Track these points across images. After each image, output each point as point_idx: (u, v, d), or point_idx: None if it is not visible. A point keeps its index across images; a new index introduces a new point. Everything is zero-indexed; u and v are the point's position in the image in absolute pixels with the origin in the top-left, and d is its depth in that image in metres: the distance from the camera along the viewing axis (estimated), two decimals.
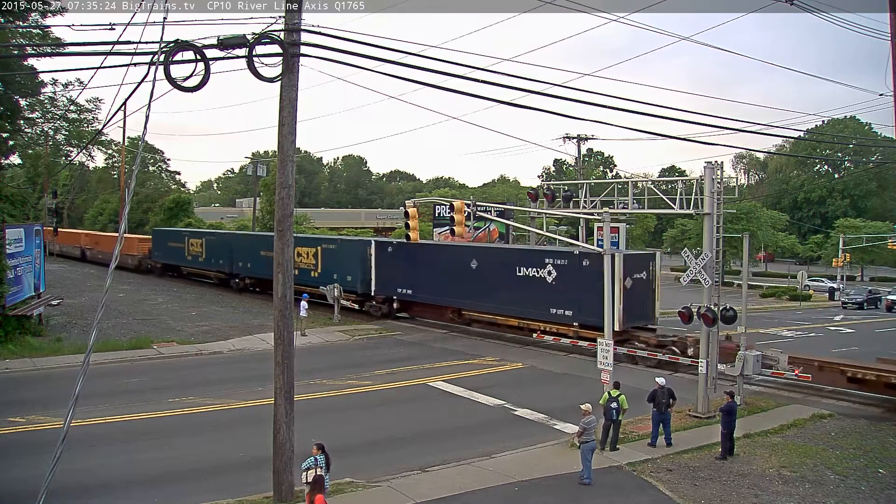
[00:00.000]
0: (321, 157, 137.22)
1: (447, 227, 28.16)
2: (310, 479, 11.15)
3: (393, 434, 17.19)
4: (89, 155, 65.86)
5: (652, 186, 24.08)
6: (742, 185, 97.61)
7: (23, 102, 34.48)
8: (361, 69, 12.19)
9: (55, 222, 61.65)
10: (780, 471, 14.32)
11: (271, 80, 11.91)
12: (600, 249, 19.67)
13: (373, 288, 34.78)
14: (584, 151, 55.50)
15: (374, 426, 17.84)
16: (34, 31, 30.01)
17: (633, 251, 32.70)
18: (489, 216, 37.50)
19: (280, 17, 11.81)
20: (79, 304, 37.93)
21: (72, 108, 40.69)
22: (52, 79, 36.41)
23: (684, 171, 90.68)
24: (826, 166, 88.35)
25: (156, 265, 54.29)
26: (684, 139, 26.02)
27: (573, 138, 47.28)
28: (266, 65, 11.58)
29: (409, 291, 33.42)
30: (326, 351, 28.01)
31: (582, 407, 14.38)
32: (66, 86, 37.67)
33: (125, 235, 51.72)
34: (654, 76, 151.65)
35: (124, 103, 25.89)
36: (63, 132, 45.69)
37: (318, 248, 37.54)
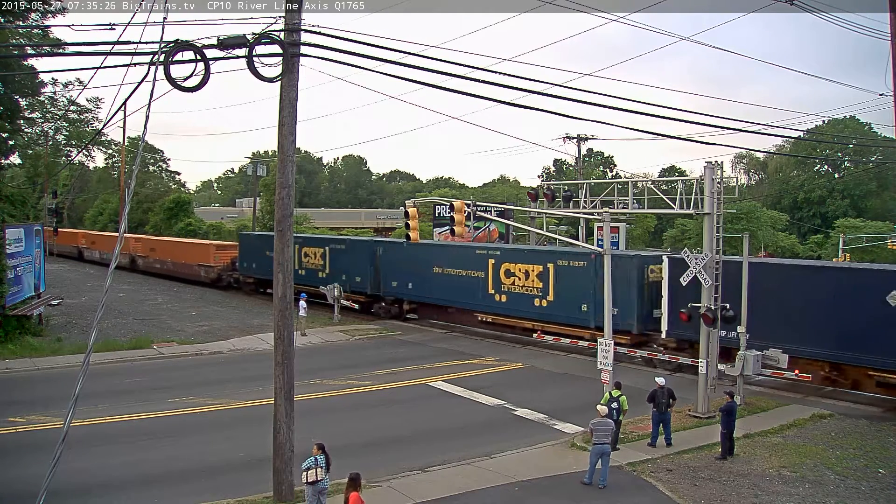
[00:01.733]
0: (321, 157, 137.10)
1: (447, 227, 28.14)
2: (310, 479, 11.17)
3: (393, 434, 17.19)
4: (89, 155, 65.75)
5: (652, 186, 24.06)
6: (742, 185, 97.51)
7: (23, 102, 34.48)
8: (361, 69, 12.21)
9: (55, 222, 61.59)
10: (780, 471, 14.32)
11: (271, 80, 11.92)
12: (600, 249, 19.67)
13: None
14: (584, 151, 55.50)
15: (374, 426, 17.84)
16: (34, 31, 29.99)
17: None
18: (489, 216, 37.50)
19: (280, 17, 11.83)
20: (79, 304, 37.93)
21: (72, 108, 40.69)
22: (52, 79, 36.54)
23: (684, 171, 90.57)
24: (826, 166, 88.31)
25: (246, 280, 43.70)
26: (684, 139, 26.10)
27: (573, 138, 47.25)
28: (266, 65, 11.60)
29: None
30: (326, 351, 28.01)
31: (597, 408, 14.40)
32: (66, 86, 37.78)
33: (201, 242, 47.91)
34: (654, 76, 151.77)
35: (124, 103, 25.87)
36: (63, 132, 45.67)
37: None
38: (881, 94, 21.90)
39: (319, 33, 11.74)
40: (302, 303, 30.05)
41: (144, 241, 57.66)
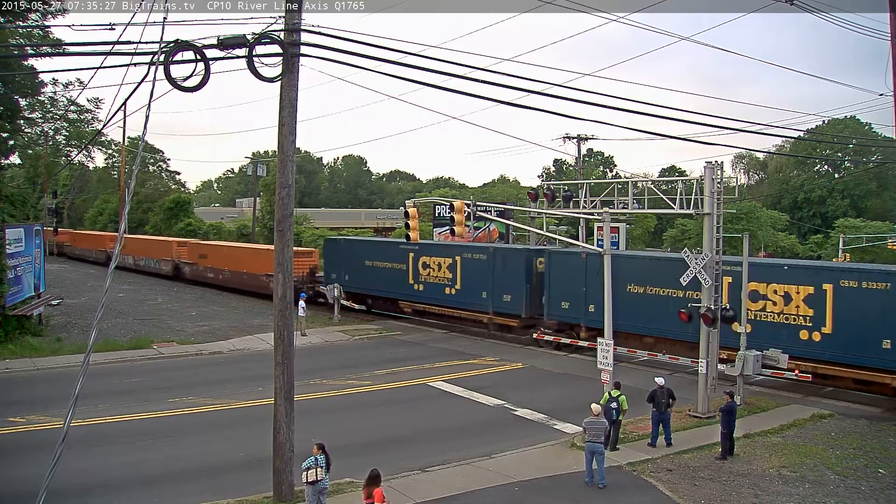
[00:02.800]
0: (321, 157, 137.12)
1: (447, 227, 28.17)
2: (310, 479, 11.18)
3: (393, 434, 17.19)
4: (89, 155, 65.60)
5: (652, 186, 24.07)
6: (742, 185, 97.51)
7: (23, 102, 34.48)
8: (361, 69, 12.21)
9: (55, 222, 61.52)
10: (780, 471, 14.32)
11: (271, 80, 11.93)
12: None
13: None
14: (584, 151, 55.50)
15: (374, 426, 17.84)
16: (34, 31, 30.00)
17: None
18: (489, 216, 37.43)
19: (280, 17, 11.83)
20: (79, 304, 37.94)
21: (72, 108, 40.66)
22: (52, 79, 36.48)
23: (684, 171, 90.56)
24: (826, 166, 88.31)
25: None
26: (684, 139, 26.12)
27: (573, 138, 47.26)
28: (266, 65, 11.61)
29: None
30: (326, 351, 28.01)
31: (590, 406, 14.38)
32: (66, 86, 37.72)
33: (269, 249, 41.69)
34: (655, 75, 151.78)
35: (124, 103, 25.87)
36: (63, 132, 45.61)
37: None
38: (881, 94, 21.90)
39: (319, 33, 11.76)
40: (301, 303, 30.05)
41: (192, 247, 50.17)
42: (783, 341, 20.24)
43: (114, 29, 11.74)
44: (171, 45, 10.43)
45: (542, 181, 57.52)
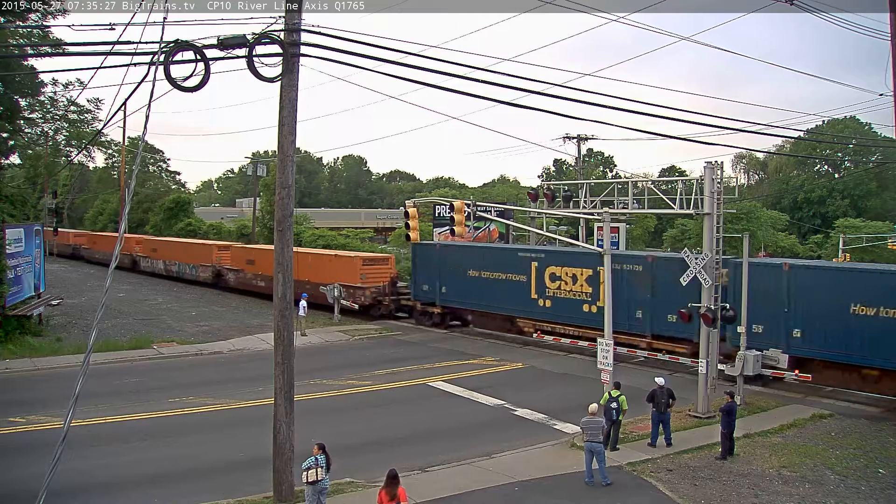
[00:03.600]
0: (321, 157, 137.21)
1: (447, 227, 28.16)
2: (310, 479, 11.18)
3: (393, 434, 17.19)
4: (89, 155, 65.40)
5: (652, 186, 24.08)
6: (742, 185, 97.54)
7: (23, 102, 34.40)
8: (361, 69, 12.21)
9: (55, 222, 61.39)
10: (780, 471, 14.32)
11: (271, 80, 11.92)
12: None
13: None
14: (584, 151, 55.46)
15: (374, 426, 17.85)
16: (34, 31, 29.97)
17: None
18: (489, 216, 37.41)
19: (280, 17, 11.83)
20: (79, 304, 37.95)
21: (72, 108, 40.57)
22: (52, 79, 36.28)
23: (684, 171, 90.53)
24: (826, 166, 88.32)
25: (426, 309, 32.48)
26: (684, 139, 26.16)
27: (573, 138, 47.19)
28: (266, 65, 11.60)
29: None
30: (326, 351, 28.01)
31: (588, 407, 14.40)
32: (66, 86, 37.53)
33: (338, 254, 37.32)
34: (656, 74, 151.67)
35: (124, 103, 25.92)
36: (63, 132, 45.52)
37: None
38: (881, 94, 21.89)
39: (319, 33, 11.75)
40: (302, 303, 30.05)
41: (237, 251, 44.90)
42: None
43: (114, 29, 11.75)
44: (171, 45, 10.43)
45: (542, 181, 57.50)
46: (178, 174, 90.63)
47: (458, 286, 30.36)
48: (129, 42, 10.70)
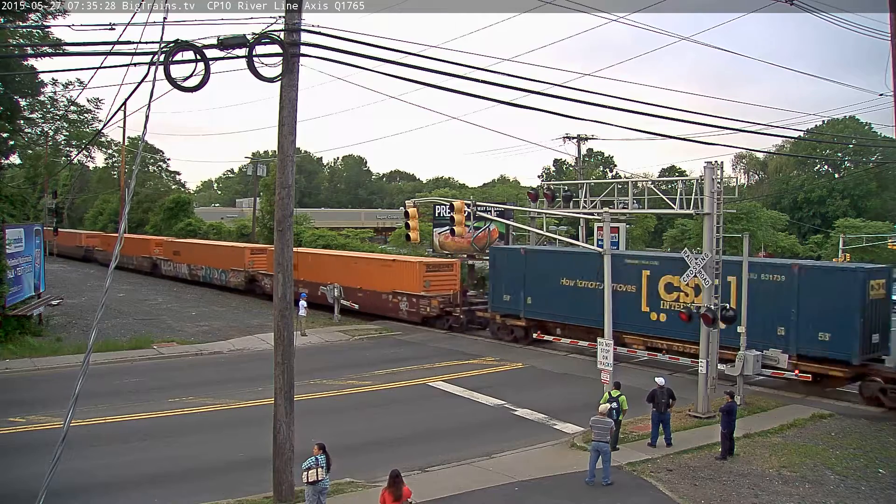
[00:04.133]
0: (321, 157, 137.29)
1: (447, 227, 28.15)
2: (310, 479, 11.18)
3: (393, 434, 17.19)
4: (89, 155, 65.32)
5: (652, 186, 24.09)
6: (742, 185, 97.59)
7: (23, 102, 34.41)
8: (361, 69, 12.21)
9: (55, 222, 61.23)
10: (780, 471, 14.32)
11: (271, 80, 11.92)
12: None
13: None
14: (584, 151, 55.44)
15: (374, 426, 17.84)
16: (34, 31, 29.97)
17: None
18: (489, 216, 37.37)
19: (280, 17, 11.83)
20: (79, 304, 37.96)
21: (72, 108, 40.57)
22: (52, 79, 36.27)
23: (684, 171, 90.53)
24: (826, 166, 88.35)
25: (507, 322, 28.89)
26: (684, 139, 26.14)
27: (573, 138, 47.19)
28: (266, 65, 11.60)
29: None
30: (326, 351, 28.01)
31: (599, 406, 14.50)
32: (66, 86, 37.53)
33: (400, 260, 33.94)
34: (656, 74, 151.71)
35: (124, 103, 25.93)
36: (63, 133, 45.47)
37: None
38: (881, 94, 21.89)
39: (319, 33, 11.75)
40: (302, 303, 30.05)
41: (304, 258, 37.50)
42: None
43: (114, 29, 11.75)
44: (171, 45, 10.43)
45: (542, 181, 57.45)
46: (178, 174, 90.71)
47: (548, 296, 26.82)
48: (129, 42, 10.72)
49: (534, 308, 27.58)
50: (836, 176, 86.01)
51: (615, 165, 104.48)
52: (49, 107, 38.66)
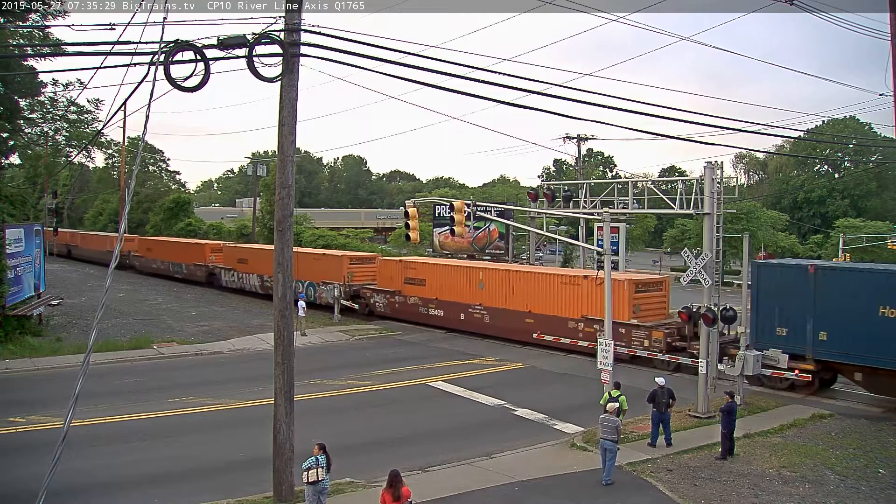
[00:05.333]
0: (321, 157, 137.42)
1: (447, 227, 28.17)
2: (311, 479, 11.18)
3: (393, 434, 17.19)
4: (89, 155, 65.26)
5: (652, 186, 24.12)
6: (742, 185, 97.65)
7: (22, 103, 34.42)
8: (361, 69, 12.21)
9: (55, 222, 61.10)
10: (780, 471, 14.31)
11: (271, 80, 11.92)
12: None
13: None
14: (584, 151, 55.47)
15: (374, 426, 17.84)
16: (34, 31, 29.97)
17: None
18: (489, 216, 37.43)
19: (280, 17, 11.82)
20: (79, 304, 37.95)
21: (72, 108, 40.56)
22: (52, 79, 36.25)
23: (684, 171, 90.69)
24: (826, 166, 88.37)
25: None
26: (684, 139, 26.12)
27: (573, 138, 47.21)
28: (266, 65, 11.60)
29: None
30: (326, 351, 28.00)
31: (606, 405, 14.59)
32: (66, 86, 37.54)
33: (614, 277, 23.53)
34: (657, 73, 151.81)
35: (124, 103, 25.90)
36: (63, 133, 45.46)
37: None
38: (881, 94, 21.91)
39: (319, 33, 11.75)
40: (301, 303, 30.05)
41: (390, 267, 34.53)
42: None
43: (114, 29, 11.75)
44: (171, 45, 10.42)
45: (542, 181, 57.51)
46: (178, 174, 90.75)
47: (856, 331, 19.48)
48: (129, 42, 10.71)
49: (830, 346, 20.08)
50: (836, 176, 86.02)
51: (615, 165, 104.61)
52: (49, 107, 38.67)
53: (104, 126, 36.65)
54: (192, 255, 50.12)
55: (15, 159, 45.76)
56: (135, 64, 10.82)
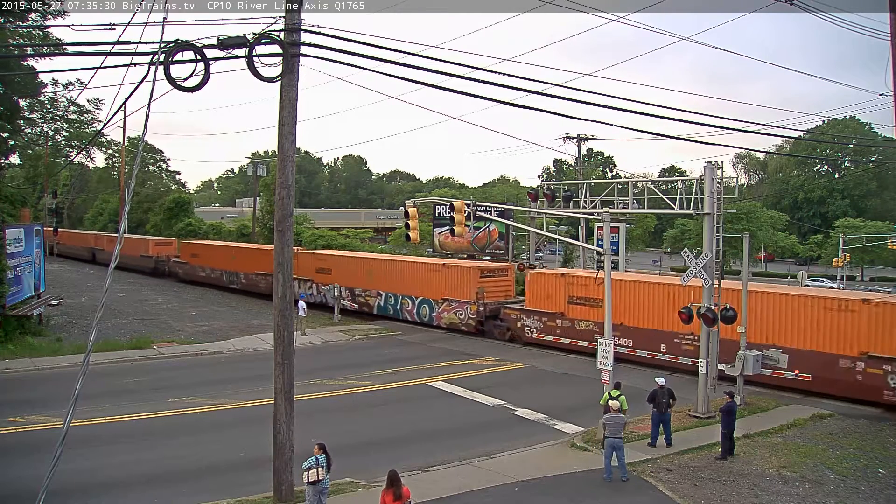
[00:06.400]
0: (321, 157, 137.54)
1: (447, 227, 28.17)
2: (311, 479, 11.19)
3: (393, 434, 17.19)
4: (89, 155, 65.25)
5: (652, 186, 24.11)
6: (742, 185, 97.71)
7: (22, 103, 34.43)
8: (361, 69, 12.21)
9: (55, 222, 61.12)
10: (780, 471, 14.31)
11: (271, 80, 11.92)
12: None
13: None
14: (584, 151, 55.45)
15: (374, 426, 17.84)
16: (34, 31, 29.97)
17: None
18: (489, 216, 37.42)
19: (280, 17, 11.83)
20: (79, 304, 37.94)
21: (72, 108, 40.59)
22: (52, 79, 36.30)
23: (684, 171, 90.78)
24: (826, 166, 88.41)
25: None
26: (684, 139, 26.15)
27: (573, 138, 47.21)
28: (266, 65, 11.60)
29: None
30: (326, 351, 28.00)
31: (609, 403, 14.66)
32: (66, 86, 37.58)
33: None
34: (655, 74, 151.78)
35: (124, 103, 25.93)
36: (63, 133, 45.46)
37: None
38: (881, 94, 21.92)
39: (319, 33, 11.75)
40: (301, 303, 30.05)
41: (545, 279, 27.92)
42: None
43: (114, 29, 11.75)
44: (171, 45, 10.43)
45: (542, 181, 57.45)
46: (178, 174, 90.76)
47: None
48: (129, 42, 10.72)
49: None
50: (836, 176, 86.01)
51: (615, 165, 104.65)
52: (49, 107, 38.70)
53: (104, 126, 36.75)
54: (254, 263, 42.16)
55: (15, 159, 45.77)
56: (135, 64, 10.84)
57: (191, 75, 10.77)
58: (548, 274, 28.73)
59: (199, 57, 10.72)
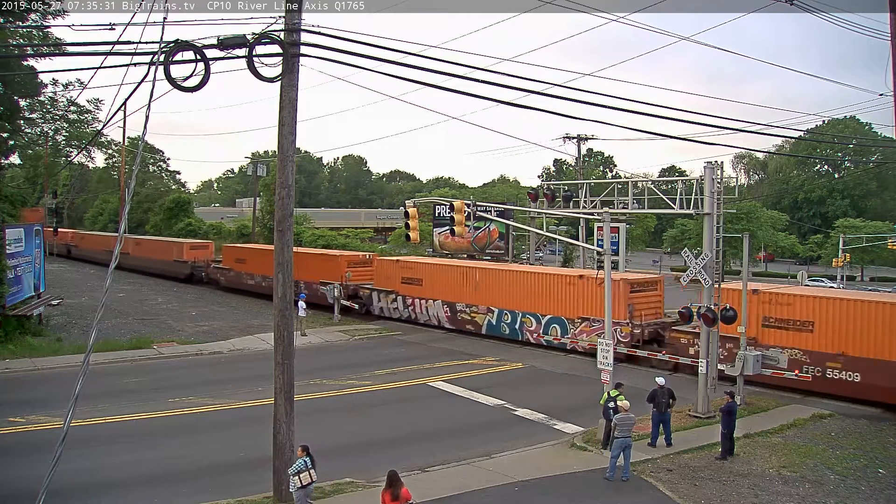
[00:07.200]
0: (321, 157, 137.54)
1: (447, 227, 28.17)
2: (304, 483, 11.21)
3: (393, 434, 17.18)
4: (89, 155, 65.17)
5: (652, 186, 24.11)
6: (742, 185, 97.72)
7: (22, 103, 34.41)
8: (361, 69, 12.20)
9: (55, 222, 61.04)
10: (780, 471, 14.31)
11: (271, 80, 11.91)
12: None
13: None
14: (584, 151, 55.46)
15: (374, 426, 17.84)
16: (34, 31, 29.96)
17: None
18: (489, 216, 37.41)
19: (280, 17, 11.82)
20: (79, 304, 37.94)
21: (72, 108, 40.58)
22: (52, 79, 36.31)
23: (684, 171, 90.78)
24: (826, 166, 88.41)
25: None
26: (684, 139, 26.13)
27: (573, 138, 47.23)
28: (266, 65, 11.59)
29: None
30: (326, 351, 28.00)
31: (619, 403, 14.68)
32: (66, 86, 37.57)
33: None
34: (655, 74, 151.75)
35: (124, 103, 25.91)
36: (63, 133, 45.44)
37: None
38: (881, 94, 21.91)
39: (319, 33, 11.74)
40: (301, 303, 30.04)
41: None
42: None
43: (114, 29, 11.74)
44: (171, 45, 10.42)
45: (542, 181, 57.48)
46: (178, 174, 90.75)
47: None
48: (129, 42, 10.70)
49: None
50: (836, 176, 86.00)
51: (615, 165, 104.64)
52: (49, 107, 38.69)
53: (104, 126, 36.74)
54: (319, 270, 36.94)
55: (15, 159, 45.73)
56: (135, 64, 10.82)
57: (191, 75, 10.77)
58: (730, 290, 21.06)
59: (199, 57, 10.71)
